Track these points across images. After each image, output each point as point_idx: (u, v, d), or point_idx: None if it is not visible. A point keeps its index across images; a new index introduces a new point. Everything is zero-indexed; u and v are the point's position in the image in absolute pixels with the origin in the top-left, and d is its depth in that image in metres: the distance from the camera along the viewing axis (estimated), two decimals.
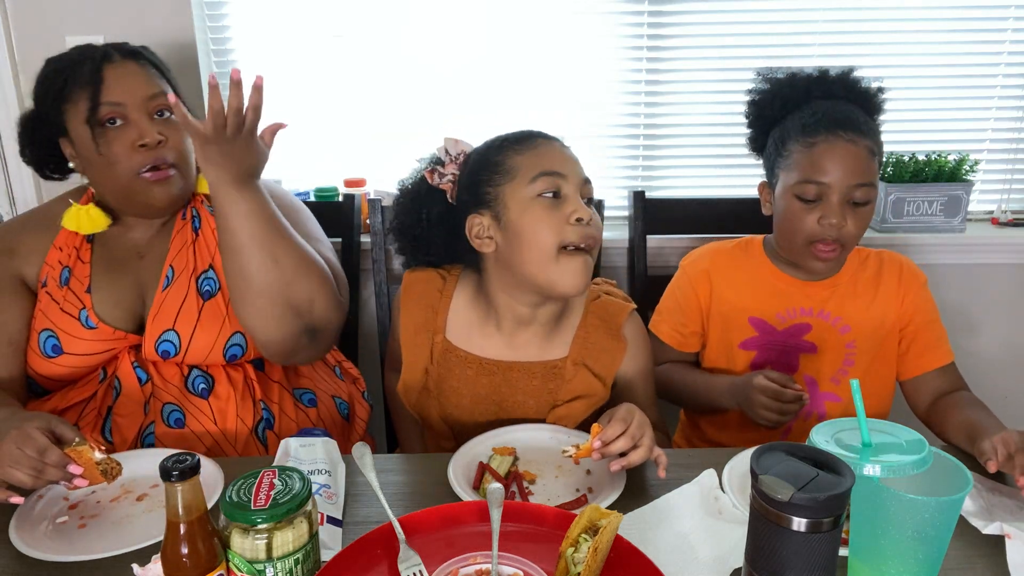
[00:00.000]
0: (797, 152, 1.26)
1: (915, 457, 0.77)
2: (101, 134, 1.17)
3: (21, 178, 1.81)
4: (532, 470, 1.08)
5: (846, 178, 1.22)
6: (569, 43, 1.84)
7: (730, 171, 1.95)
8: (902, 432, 0.82)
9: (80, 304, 1.21)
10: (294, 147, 1.94)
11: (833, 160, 1.22)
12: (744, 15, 1.83)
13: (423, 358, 1.25)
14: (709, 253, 1.44)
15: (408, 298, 1.28)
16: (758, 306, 1.37)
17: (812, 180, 1.23)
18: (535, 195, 1.13)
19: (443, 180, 1.23)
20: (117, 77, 1.18)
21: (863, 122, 1.24)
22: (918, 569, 0.76)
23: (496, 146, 1.20)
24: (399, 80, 1.87)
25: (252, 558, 0.76)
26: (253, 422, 1.24)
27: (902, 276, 1.34)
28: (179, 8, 1.72)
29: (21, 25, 1.72)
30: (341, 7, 1.82)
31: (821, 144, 1.23)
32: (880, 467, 0.75)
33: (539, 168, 1.14)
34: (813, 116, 1.26)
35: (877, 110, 1.32)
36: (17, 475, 0.93)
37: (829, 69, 1.31)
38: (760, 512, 0.72)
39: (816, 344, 1.35)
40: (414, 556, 0.82)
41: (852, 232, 1.24)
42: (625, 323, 1.26)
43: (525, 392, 1.24)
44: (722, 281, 1.40)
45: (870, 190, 1.23)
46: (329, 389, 1.39)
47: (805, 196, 1.25)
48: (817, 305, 1.35)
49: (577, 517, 0.80)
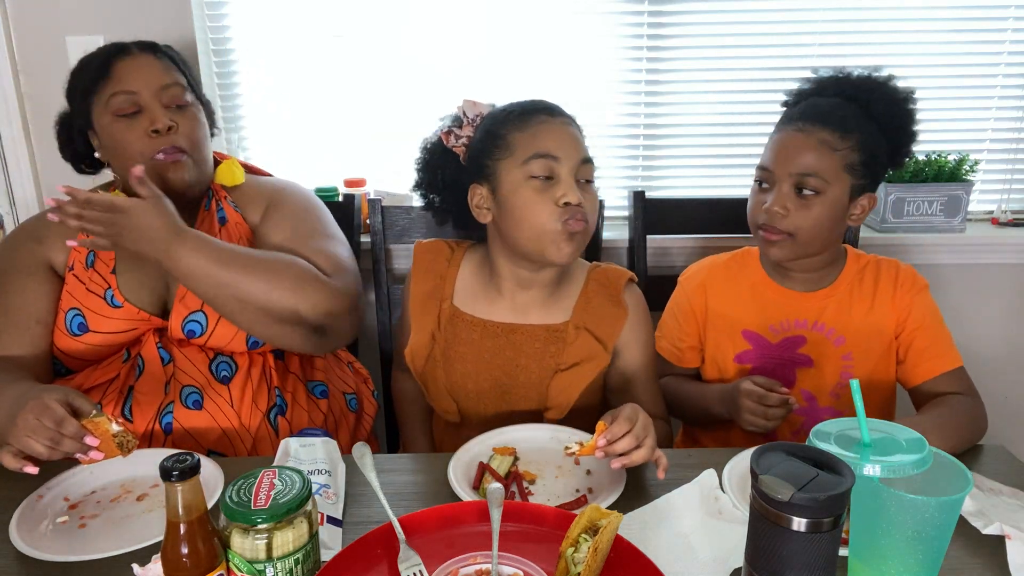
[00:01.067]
0: (770, 139, 1.30)
1: (915, 457, 0.77)
2: (117, 122, 1.21)
3: (21, 178, 1.81)
4: (532, 470, 1.08)
5: (786, 166, 1.22)
6: (569, 43, 1.84)
7: (730, 171, 1.95)
8: (902, 432, 0.82)
9: (105, 284, 1.24)
10: (294, 147, 1.94)
11: (782, 148, 1.24)
12: (744, 15, 1.83)
13: (430, 324, 1.29)
14: (705, 267, 1.43)
15: (417, 268, 1.33)
16: (752, 318, 1.35)
17: (763, 166, 1.27)
18: (528, 176, 1.16)
19: (458, 142, 1.26)
20: (132, 67, 1.22)
21: (840, 118, 1.22)
22: (918, 569, 0.76)
23: (502, 118, 1.21)
24: (399, 80, 1.87)
25: (252, 558, 0.76)
26: (267, 407, 1.26)
27: (898, 282, 1.30)
28: (179, 8, 1.72)
29: (21, 25, 1.72)
30: (341, 7, 1.82)
31: (781, 132, 1.26)
32: (880, 467, 0.75)
33: (533, 149, 1.16)
34: (796, 108, 1.27)
35: (898, 118, 1.26)
36: (34, 445, 0.95)
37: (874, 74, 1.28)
38: (760, 512, 0.72)
39: (812, 357, 1.32)
40: (414, 556, 0.82)
41: (797, 222, 1.22)
42: (625, 290, 1.29)
43: (528, 355, 1.25)
44: (717, 294, 1.38)
45: (816, 181, 1.21)
46: (340, 384, 1.42)
47: (761, 180, 1.28)
48: (812, 317, 1.32)
49: (577, 517, 0.80)
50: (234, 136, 1.91)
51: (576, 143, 1.19)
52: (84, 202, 1.09)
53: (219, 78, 1.86)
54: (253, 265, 1.18)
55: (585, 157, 1.19)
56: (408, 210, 1.68)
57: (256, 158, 1.94)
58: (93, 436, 0.97)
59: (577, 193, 1.15)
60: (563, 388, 1.24)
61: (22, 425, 0.95)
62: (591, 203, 1.19)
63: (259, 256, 1.21)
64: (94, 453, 0.97)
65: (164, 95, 1.23)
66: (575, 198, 1.15)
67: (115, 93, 1.21)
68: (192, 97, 1.28)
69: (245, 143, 1.93)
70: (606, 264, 1.33)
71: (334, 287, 1.25)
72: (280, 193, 1.37)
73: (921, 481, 0.76)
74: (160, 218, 1.13)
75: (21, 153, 1.78)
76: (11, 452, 0.97)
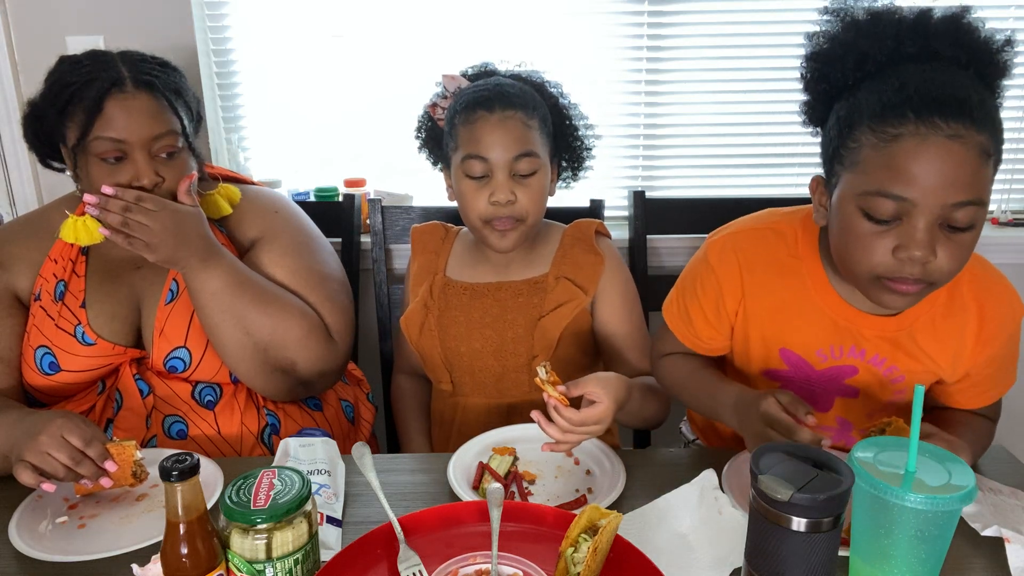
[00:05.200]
0: (870, 145, 0.87)
1: (959, 493, 0.72)
2: (94, 164, 1.11)
3: (21, 178, 1.81)
4: (532, 470, 1.08)
5: (942, 193, 0.84)
6: (569, 43, 1.84)
7: (730, 171, 1.94)
8: (948, 460, 0.77)
9: (75, 320, 1.18)
10: (294, 147, 1.94)
11: (925, 164, 0.83)
12: (744, 15, 1.83)
13: (423, 294, 1.36)
14: (743, 240, 1.08)
15: (415, 248, 1.42)
16: (797, 337, 1.05)
17: (889, 193, 0.85)
18: (464, 174, 1.25)
19: (442, 115, 1.34)
20: (125, 111, 1.10)
21: (977, 103, 0.84)
22: (920, 568, 0.76)
23: (457, 108, 1.27)
24: (399, 80, 1.87)
25: (252, 558, 0.76)
26: (258, 428, 1.24)
27: (985, 315, 0.99)
28: (179, 8, 1.72)
29: (21, 25, 1.72)
30: (341, 7, 1.82)
31: (908, 138, 0.84)
32: (922, 500, 0.71)
33: (469, 148, 1.23)
34: (900, 91, 0.86)
35: (1001, 73, 0.92)
36: (52, 463, 0.94)
37: (932, 9, 0.91)
38: (760, 512, 0.72)
39: (859, 389, 1.07)
40: (414, 556, 0.82)
41: (944, 268, 0.87)
42: (597, 239, 1.35)
43: (514, 309, 1.32)
44: (755, 287, 1.06)
45: (976, 210, 0.85)
46: (335, 393, 1.39)
47: (877, 214, 0.87)
48: (872, 348, 1.02)
49: (577, 517, 0.80)
50: (234, 136, 1.91)
51: (510, 140, 1.22)
52: (136, 199, 1.08)
53: (219, 78, 1.86)
54: (269, 302, 1.18)
55: (520, 153, 1.22)
56: (408, 210, 1.68)
57: (256, 158, 1.95)
58: (113, 461, 0.96)
59: (506, 191, 1.22)
60: (545, 331, 1.28)
61: (46, 441, 0.94)
62: (529, 195, 1.24)
63: (277, 295, 1.20)
64: (105, 480, 0.96)
65: (154, 145, 1.12)
66: (503, 196, 1.22)
67: (101, 137, 1.09)
68: (183, 142, 1.16)
69: (245, 143, 1.93)
70: (578, 220, 1.39)
71: (338, 349, 1.26)
72: (273, 219, 1.30)
73: (923, 481, 0.76)
74: (204, 229, 1.14)
75: (21, 153, 1.78)
76: (28, 468, 0.95)
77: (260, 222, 1.29)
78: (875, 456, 0.78)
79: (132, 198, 1.08)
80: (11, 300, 1.21)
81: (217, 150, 1.88)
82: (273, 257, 1.27)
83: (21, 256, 1.22)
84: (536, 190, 1.25)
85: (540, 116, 1.27)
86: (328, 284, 1.29)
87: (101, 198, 1.08)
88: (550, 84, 1.36)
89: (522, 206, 1.24)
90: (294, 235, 1.30)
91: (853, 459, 0.77)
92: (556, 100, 1.35)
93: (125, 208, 1.07)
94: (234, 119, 1.90)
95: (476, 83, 1.29)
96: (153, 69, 1.16)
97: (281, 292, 1.22)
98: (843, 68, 0.93)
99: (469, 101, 1.24)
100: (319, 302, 1.26)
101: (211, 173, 1.29)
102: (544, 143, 1.27)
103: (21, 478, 0.95)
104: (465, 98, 1.25)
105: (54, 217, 1.22)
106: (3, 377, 1.18)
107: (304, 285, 1.26)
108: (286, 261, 1.27)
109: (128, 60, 1.14)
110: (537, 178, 1.25)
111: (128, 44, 1.21)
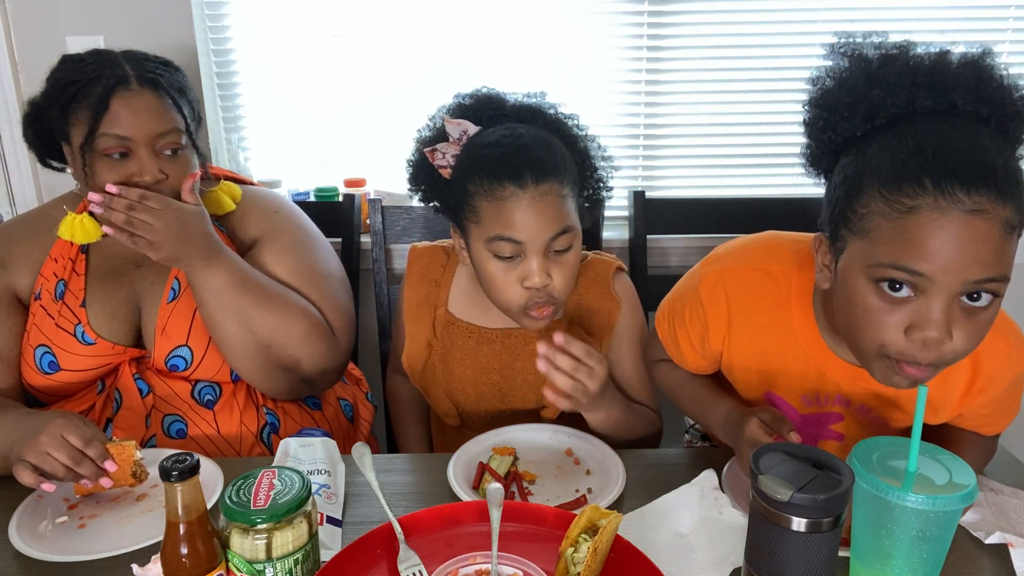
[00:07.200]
0: (882, 214, 0.80)
1: (960, 493, 0.73)
2: (99, 160, 1.11)
3: (21, 178, 1.81)
4: (532, 470, 1.08)
5: (963, 271, 0.76)
6: (569, 43, 1.84)
7: (730, 171, 1.94)
8: (949, 459, 0.78)
9: (75, 319, 1.18)
10: (294, 147, 1.94)
11: (944, 241, 0.76)
12: (744, 15, 1.83)
13: (425, 331, 1.28)
14: (735, 281, 1.03)
15: (412, 273, 1.32)
16: (782, 381, 1.03)
17: (904, 267, 0.78)
18: (492, 254, 1.11)
19: (443, 160, 1.18)
20: (130, 108, 1.10)
21: (1002, 170, 0.76)
22: (921, 569, 0.76)
23: (474, 173, 1.11)
24: (399, 80, 1.87)
25: (252, 558, 0.76)
26: (258, 427, 1.24)
27: (980, 370, 0.94)
28: (179, 8, 1.72)
29: (21, 25, 1.72)
30: (341, 7, 1.82)
31: (926, 212, 0.76)
32: (923, 500, 0.72)
33: (498, 229, 1.08)
34: (917, 154, 0.78)
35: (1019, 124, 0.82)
36: (53, 463, 0.94)
37: (950, 53, 0.83)
38: (760, 512, 0.72)
39: (843, 433, 1.06)
40: (414, 556, 0.82)
41: (959, 349, 0.81)
42: (614, 281, 1.26)
43: (524, 358, 1.25)
44: (743, 330, 1.03)
45: (998, 286, 0.79)
46: (334, 392, 1.39)
47: (889, 288, 0.81)
48: (859, 398, 1.00)
49: (577, 517, 0.80)
50: (234, 136, 1.91)
51: (546, 221, 1.08)
52: (140, 197, 1.08)
53: (219, 78, 1.86)
54: (271, 300, 1.18)
55: (558, 232, 1.09)
56: (408, 210, 1.68)
57: (256, 158, 1.94)
58: (113, 461, 0.97)
59: (542, 274, 1.09)
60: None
61: (46, 440, 0.94)
62: (564, 273, 1.12)
63: (279, 293, 1.20)
64: (104, 480, 0.96)
65: (159, 142, 1.12)
66: (538, 281, 1.09)
67: (107, 134, 1.09)
68: (187, 139, 1.17)
69: (245, 143, 1.93)
70: (594, 255, 1.29)
71: (340, 347, 1.26)
72: (273, 219, 1.30)
73: (924, 480, 0.76)
74: (207, 227, 1.13)
75: (21, 153, 1.78)
76: (28, 468, 0.95)
77: (261, 222, 1.30)
78: (875, 456, 0.78)
79: (136, 197, 1.08)
80: (11, 299, 1.21)
81: (217, 150, 1.88)
82: (274, 256, 1.27)
83: (22, 255, 1.22)
84: (571, 265, 1.13)
85: (571, 178, 1.13)
86: (329, 282, 1.30)
87: (105, 196, 1.08)
88: (565, 117, 1.21)
89: (556, 287, 1.12)
90: (294, 234, 1.31)
91: (853, 459, 0.77)
92: (576, 140, 1.20)
93: (129, 207, 1.07)
94: (234, 119, 1.90)
95: (491, 136, 1.13)
96: (156, 68, 1.16)
97: (283, 290, 1.22)
98: (851, 119, 0.85)
99: (491, 169, 1.09)
100: (320, 300, 1.26)
101: (212, 173, 1.29)
102: (576, 206, 1.14)
103: (21, 478, 0.95)
104: (484, 161, 1.10)
105: (54, 215, 1.22)
106: (3, 377, 1.18)
107: (305, 283, 1.26)
108: (287, 260, 1.27)
109: (132, 59, 1.15)
110: (573, 252, 1.13)
111: (128, 44, 1.21)
